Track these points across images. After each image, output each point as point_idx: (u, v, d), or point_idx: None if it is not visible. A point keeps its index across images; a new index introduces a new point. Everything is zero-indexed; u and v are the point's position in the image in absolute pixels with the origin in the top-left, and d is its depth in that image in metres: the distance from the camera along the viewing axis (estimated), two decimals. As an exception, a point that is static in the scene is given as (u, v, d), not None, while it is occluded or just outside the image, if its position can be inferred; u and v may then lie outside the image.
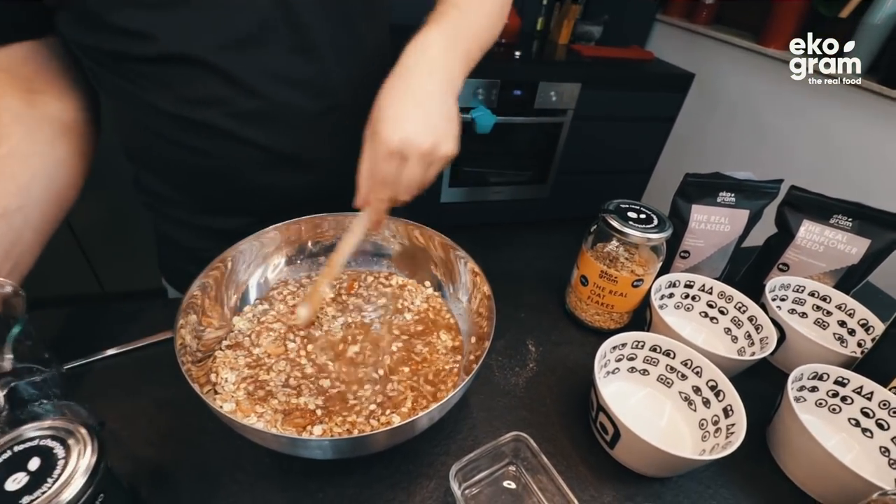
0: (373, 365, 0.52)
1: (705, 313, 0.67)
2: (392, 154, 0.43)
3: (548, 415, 0.55)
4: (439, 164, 0.46)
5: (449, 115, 0.46)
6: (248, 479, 0.46)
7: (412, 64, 0.46)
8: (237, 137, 0.53)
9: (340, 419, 0.47)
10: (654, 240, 0.56)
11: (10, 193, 0.46)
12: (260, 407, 0.47)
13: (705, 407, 0.53)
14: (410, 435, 0.44)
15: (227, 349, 0.52)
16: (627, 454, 0.48)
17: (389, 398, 0.49)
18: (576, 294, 0.65)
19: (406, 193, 0.46)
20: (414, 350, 0.54)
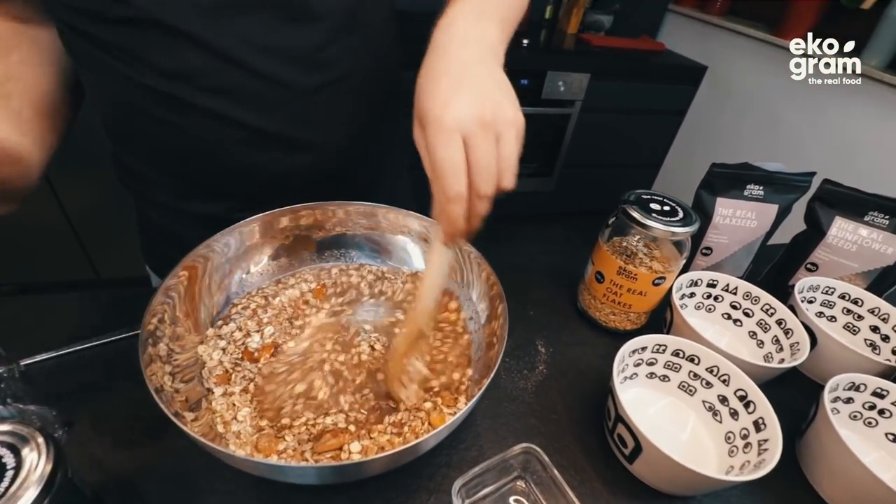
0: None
1: (728, 315, 0.62)
2: (449, 136, 0.33)
3: (559, 423, 0.50)
4: (510, 135, 0.35)
5: (497, 80, 0.37)
6: (227, 488, 0.41)
7: (442, 43, 0.39)
8: (217, 114, 0.48)
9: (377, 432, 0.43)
10: (679, 234, 0.51)
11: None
12: (281, 443, 0.42)
13: (732, 419, 0.48)
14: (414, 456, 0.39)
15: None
16: (648, 470, 0.44)
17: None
18: (590, 291, 0.60)
19: (487, 181, 0.34)
20: None
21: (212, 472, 0.42)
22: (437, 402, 0.46)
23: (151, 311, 0.40)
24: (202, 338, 0.48)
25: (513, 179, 0.36)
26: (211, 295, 0.50)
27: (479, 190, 0.34)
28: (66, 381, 0.49)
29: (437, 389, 0.47)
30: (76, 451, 0.43)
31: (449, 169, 0.33)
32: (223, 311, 0.51)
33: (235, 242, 0.52)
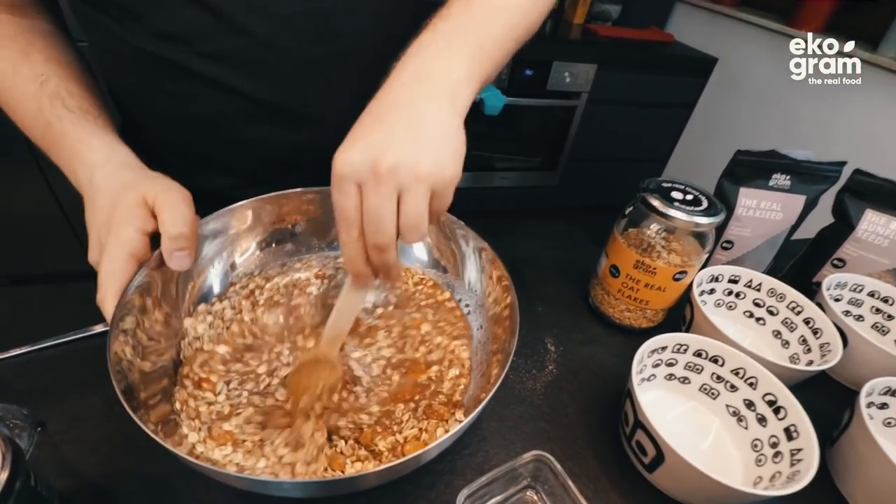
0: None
1: (750, 313, 0.58)
2: (340, 182, 0.31)
3: (570, 427, 0.47)
4: (417, 190, 0.31)
5: (435, 126, 0.32)
6: (210, 497, 0.38)
7: (395, 75, 0.35)
8: (218, 82, 0.46)
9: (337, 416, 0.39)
10: (703, 225, 0.47)
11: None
12: (231, 423, 0.38)
13: (760, 425, 0.44)
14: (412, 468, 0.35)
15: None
16: (670, 481, 0.40)
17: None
18: (603, 287, 0.57)
19: (376, 235, 0.31)
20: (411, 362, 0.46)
21: (195, 479, 0.38)
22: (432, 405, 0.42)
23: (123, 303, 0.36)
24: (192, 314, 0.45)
25: (418, 237, 0.32)
26: (204, 276, 0.47)
27: (370, 241, 0.32)
28: (39, 378, 0.45)
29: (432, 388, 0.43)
30: (48, 454, 0.39)
31: (338, 215, 0.32)
32: (223, 291, 0.48)
33: (235, 223, 0.48)
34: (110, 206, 0.37)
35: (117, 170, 0.39)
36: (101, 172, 0.39)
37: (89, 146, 0.40)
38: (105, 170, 0.39)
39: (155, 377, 0.38)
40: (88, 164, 0.39)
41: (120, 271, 0.36)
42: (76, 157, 0.39)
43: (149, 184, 0.39)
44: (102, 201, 0.38)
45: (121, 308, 0.35)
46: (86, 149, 0.40)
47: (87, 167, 0.39)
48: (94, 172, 0.38)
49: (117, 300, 0.35)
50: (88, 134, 0.40)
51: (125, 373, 0.34)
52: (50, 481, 0.34)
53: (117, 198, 0.37)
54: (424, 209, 0.31)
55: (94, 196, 0.38)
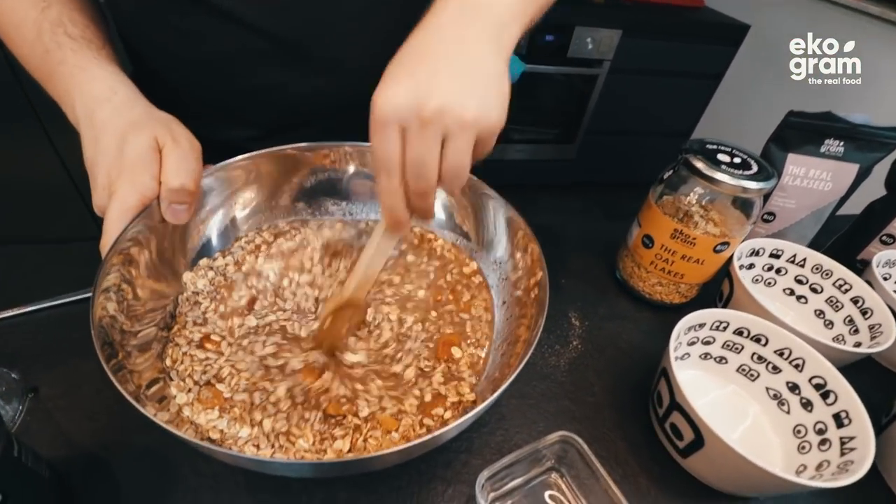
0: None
1: (791, 290, 0.54)
2: (381, 126, 0.28)
3: (597, 407, 0.43)
4: (462, 140, 0.28)
5: (480, 68, 0.30)
6: (212, 471, 0.35)
7: (437, 9, 0.31)
8: (230, 16, 0.42)
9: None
10: (752, 191, 0.43)
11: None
12: (225, 385, 0.35)
13: (805, 410, 0.41)
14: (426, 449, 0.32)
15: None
16: (708, 467, 0.37)
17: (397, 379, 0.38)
18: (633, 259, 0.52)
19: (419, 182, 0.30)
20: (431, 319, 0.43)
21: (195, 452, 0.36)
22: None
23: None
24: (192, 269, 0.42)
25: (460, 184, 0.31)
26: (205, 230, 0.44)
27: (412, 188, 0.30)
28: (33, 342, 0.43)
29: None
30: (39, 422, 0.37)
31: (379, 161, 0.30)
32: (227, 245, 0.45)
33: (241, 176, 0.44)
34: (118, 146, 0.34)
35: (124, 105, 0.36)
36: (105, 107, 0.35)
37: (91, 76, 0.36)
38: (111, 104, 0.35)
39: (147, 335, 0.36)
40: (90, 96, 0.35)
41: (130, 219, 0.33)
42: (76, 87, 0.36)
43: (159, 126, 0.35)
44: (109, 140, 0.34)
45: (111, 258, 0.32)
46: (87, 78, 0.36)
47: (88, 98, 0.35)
48: (96, 106, 0.35)
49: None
50: (90, 62, 0.37)
51: (107, 329, 0.31)
52: (38, 451, 0.31)
53: (127, 137, 0.34)
54: (468, 156, 0.29)
55: (99, 133, 0.34)
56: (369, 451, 0.33)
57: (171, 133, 0.36)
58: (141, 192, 0.33)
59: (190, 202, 0.36)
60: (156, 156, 0.34)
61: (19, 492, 0.28)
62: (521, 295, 0.42)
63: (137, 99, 0.37)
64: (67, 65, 0.37)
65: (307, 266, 0.45)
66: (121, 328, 0.33)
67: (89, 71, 0.37)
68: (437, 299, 0.44)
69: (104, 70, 0.37)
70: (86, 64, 0.37)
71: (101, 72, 0.37)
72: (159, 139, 0.35)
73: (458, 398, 0.38)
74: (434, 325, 0.42)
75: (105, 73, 0.37)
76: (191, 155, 0.36)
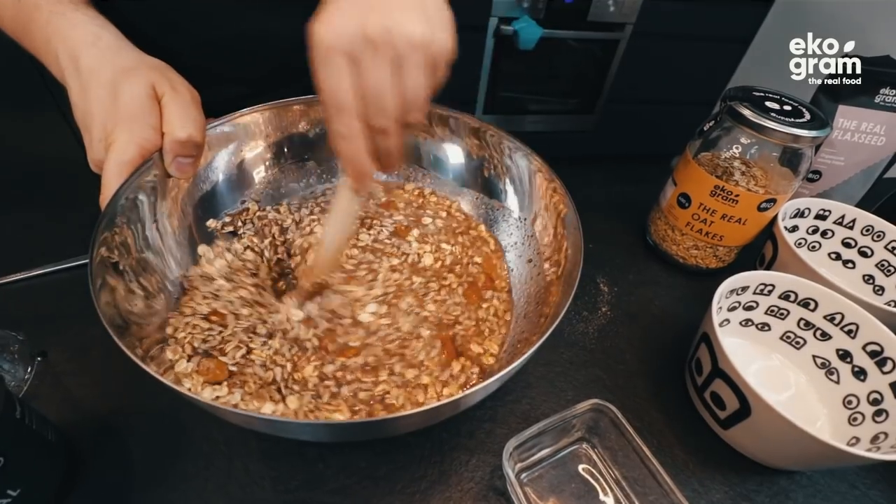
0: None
1: (837, 254, 0.50)
2: (327, 58, 0.25)
3: (628, 376, 0.41)
4: (414, 60, 0.26)
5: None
6: (224, 436, 0.34)
7: None
8: None
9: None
10: (806, 139, 0.39)
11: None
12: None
13: (857, 379, 0.38)
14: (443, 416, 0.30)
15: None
16: (751, 438, 0.34)
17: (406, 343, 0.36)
18: (668, 220, 0.49)
19: (380, 114, 0.26)
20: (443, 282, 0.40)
21: (207, 416, 0.34)
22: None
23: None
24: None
25: (421, 114, 0.28)
26: (210, 187, 0.41)
27: (372, 125, 0.27)
28: (41, 306, 0.41)
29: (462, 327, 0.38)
30: (48, 386, 0.36)
31: (329, 100, 0.26)
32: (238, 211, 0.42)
33: (247, 130, 0.42)
34: (111, 94, 0.31)
35: (110, 50, 0.33)
36: (91, 52, 0.32)
37: (71, 21, 0.33)
38: (96, 48, 0.32)
39: (151, 302, 0.34)
40: (72, 41, 0.32)
41: (129, 173, 0.31)
42: (56, 33, 0.33)
43: (154, 73, 0.33)
44: (100, 88, 0.31)
45: (109, 214, 0.30)
46: (67, 24, 0.33)
47: (70, 44, 0.32)
48: (80, 52, 0.32)
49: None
50: (66, 7, 0.34)
51: (109, 291, 0.29)
52: (45, 414, 0.30)
53: (119, 85, 0.31)
54: (424, 80, 0.27)
55: (87, 81, 0.31)
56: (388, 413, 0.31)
57: (169, 80, 0.33)
58: (140, 144, 0.31)
59: (196, 154, 0.34)
60: (154, 104, 0.32)
61: (22, 454, 0.27)
62: (550, 254, 0.39)
63: (124, 44, 0.34)
64: (43, 11, 0.34)
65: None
66: (125, 287, 0.31)
67: (68, 16, 0.34)
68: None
69: (84, 14, 0.34)
70: (63, 9, 0.34)
71: (80, 16, 0.34)
72: (157, 87, 0.32)
73: (478, 368, 0.35)
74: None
75: (85, 18, 0.34)
76: (192, 104, 0.33)
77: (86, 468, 0.31)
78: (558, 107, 1.89)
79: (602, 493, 0.33)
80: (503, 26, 1.57)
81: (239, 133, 0.41)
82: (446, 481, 0.33)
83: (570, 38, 1.65)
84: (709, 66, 1.86)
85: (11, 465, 0.26)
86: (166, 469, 0.32)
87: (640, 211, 0.55)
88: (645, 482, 0.32)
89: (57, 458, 0.29)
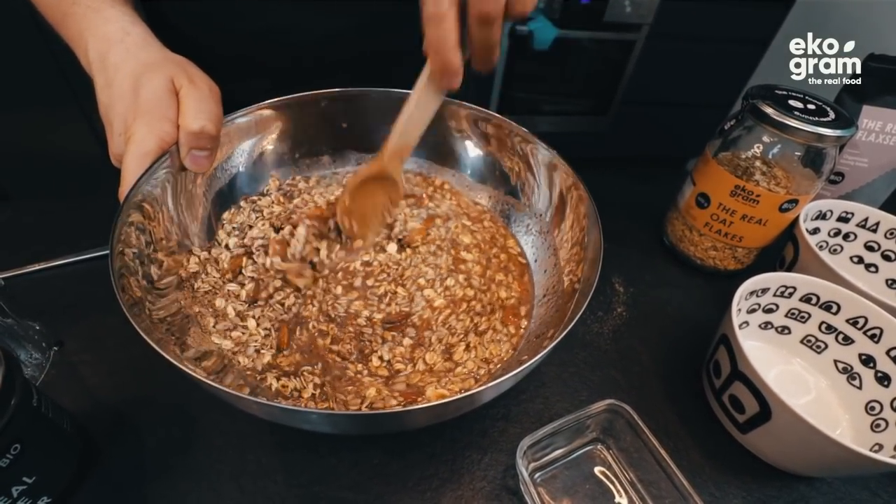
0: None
1: (860, 258, 0.49)
2: None
3: (644, 378, 0.40)
4: None
5: None
6: (238, 429, 0.34)
7: None
8: None
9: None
10: (830, 139, 0.38)
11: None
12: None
13: (881, 385, 0.37)
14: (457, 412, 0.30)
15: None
16: (771, 442, 0.34)
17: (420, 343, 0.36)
18: (685, 220, 0.48)
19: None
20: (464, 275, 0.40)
21: (219, 409, 0.34)
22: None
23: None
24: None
25: (531, 6, 0.25)
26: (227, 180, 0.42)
27: (475, 10, 0.24)
28: (59, 296, 0.42)
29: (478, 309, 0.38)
30: (64, 375, 0.36)
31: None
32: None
33: (264, 124, 0.42)
34: (133, 90, 0.32)
35: (137, 46, 0.34)
36: (118, 48, 0.33)
37: (104, 17, 0.34)
38: (123, 45, 0.33)
39: (168, 284, 0.34)
40: (102, 37, 0.33)
41: (148, 165, 0.31)
42: (89, 28, 0.34)
43: (175, 68, 0.33)
44: (123, 83, 0.32)
45: (128, 208, 0.30)
46: (100, 19, 0.34)
47: (101, 40, 0.33)
48: (109, 47, 0.33)
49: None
50: (103, 3, 0.35)
51: (128, 276, 0.29)
52: (61, 403, 0.30)
53: (141, 80, 0.32)
54: None
55: (112, 76, 0.32)
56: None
57: (188, 74, 0.33)
58: (159, 136, 0.31)
59: (211, 148, 0.34)
60: (173, 98, 0.32)
61: (38, 441, 0.27)
62: (565, 251, 0.39)
63: (151, 40, 0.35)
64: (80, 5, 0.35)
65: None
66: (145, 275, 0.31)
67: (102, 12, 0.35)
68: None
69: (117, 10, 0.35)
70: (98, 4, 0.35)
71: (114, 12, 0.35)
72: (176, 81, 0.32)
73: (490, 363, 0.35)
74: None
75: (118, 14, 0.35)
76: (210, 97, 0.33)
77: (99, 457, 0.32)
78: (572, 108, 1.88)
79: (617, 495, 0.33)
80: (518, 26, 1.56)
81: (257, 125, 0.42)
82: (458, 480, 0.33)
83: (586, 38, 1.65)
84: (726, 68, 1.84)
85: (28, 453, 0.26)
86: (178, 460, 0.32)
87: (655, 211, 0.55)
88: (660, 485, 0.32)
89: (71, 447, 0.30)
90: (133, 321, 0.25)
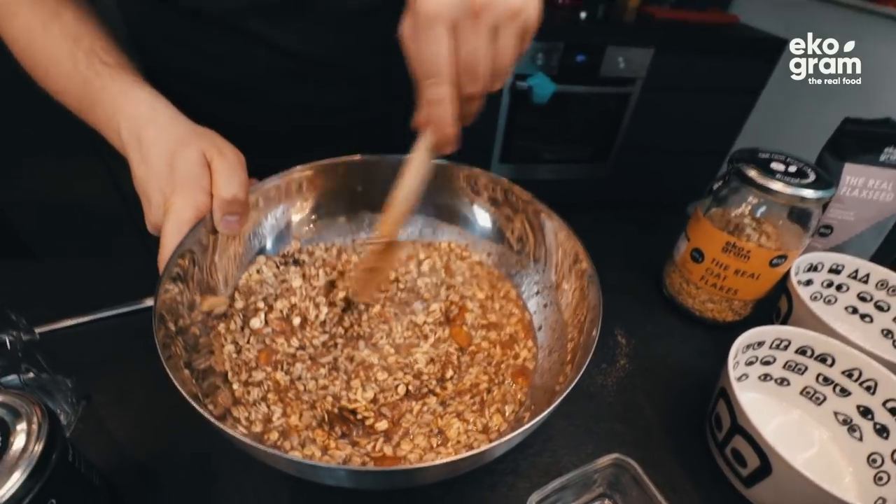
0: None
1: (853, 308, 0.51)
2: (431, 26, 0.26)
3: (648, 430, 0.41)
4: (510, 29, 0.28)
5: None
6: (254, 485, 0.35)
7: None
8: (256, 36, 0.43)
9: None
10: (810, 200, 0.41)
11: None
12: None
13: (879, 437, 0.37)
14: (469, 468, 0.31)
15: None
16: (775, 496, 0.34)
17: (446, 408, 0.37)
18: (682, 274, 0.50)
19: (473, 82, 0.28)
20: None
21: (238, 464, 0.36)
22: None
23: (170, 269, 0.34)
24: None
25: (503, 82, 0.30)
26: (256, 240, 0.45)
27: (464, 91, 0.29)
28: (88, 351, 0.44)
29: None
30: (92, 429, 0.38)
31: (427, 66, 0.28)
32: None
33: (289, 189, 0.46)
34: (169, 164, 0.35)
35: (168, 123, 0.37)
36: (151, 127, 0.36)
37: (133, 99, 0.38)
38: (155, 123, 0.36)
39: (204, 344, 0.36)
40: (134, 118, 0.37)
41: (185, 233, 0.34)
42: (119, 111, 0.37)
43: (205, 141, 0.37)
44: (157, 158, 0.35)
45: (170, 269, 0.33)
46: (129, 103, 0.37)
47: (132, 120, 0.36)
48: (142, 127, 0.36)
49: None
50: (130, 87, 0.38)
51: (169, 337, 0.32)
52: (90, 457, 0.32)
53: (175, 154, 0.35)
54: (516, 50, 0.29)
55: (147, 152, 0.35)
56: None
57: (217, 147, 0.37)
58: (196, 206, 0.34)
59: (242, 213, 0.37)
60: (206, 170, 0.35)
61: (72, 496, 0.29)
62: (566, 309, 0.41)
63: (178, 116, 0.39)
64: (109, 91, 0.38)
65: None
66: (179, 330, 0.34)
67: (131, 94, 0.38)
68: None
69: (144, 92, 0.39)
70: (126, 88, 0.38)
71: (141, 93, 0.38)
72: (207, 153, 0.36)
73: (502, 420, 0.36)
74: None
75: (145, 95, 0.38)
76: (238, 166, 0.37)
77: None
78: (572, 155, 1.95)
79: (625, 551, 0.33)
80: (518, 82, 1.65)
81: (286, 191, 0.45)
82: (469, 535, 0.34)
83: (584, 92, 1.73)
84: (720, 117, 1.91)
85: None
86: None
87: (654, 261, 0.57)
88: (667, 540, 0.32)
89: (101, 501, 0.31)
90: (181, 389, 0.27)
